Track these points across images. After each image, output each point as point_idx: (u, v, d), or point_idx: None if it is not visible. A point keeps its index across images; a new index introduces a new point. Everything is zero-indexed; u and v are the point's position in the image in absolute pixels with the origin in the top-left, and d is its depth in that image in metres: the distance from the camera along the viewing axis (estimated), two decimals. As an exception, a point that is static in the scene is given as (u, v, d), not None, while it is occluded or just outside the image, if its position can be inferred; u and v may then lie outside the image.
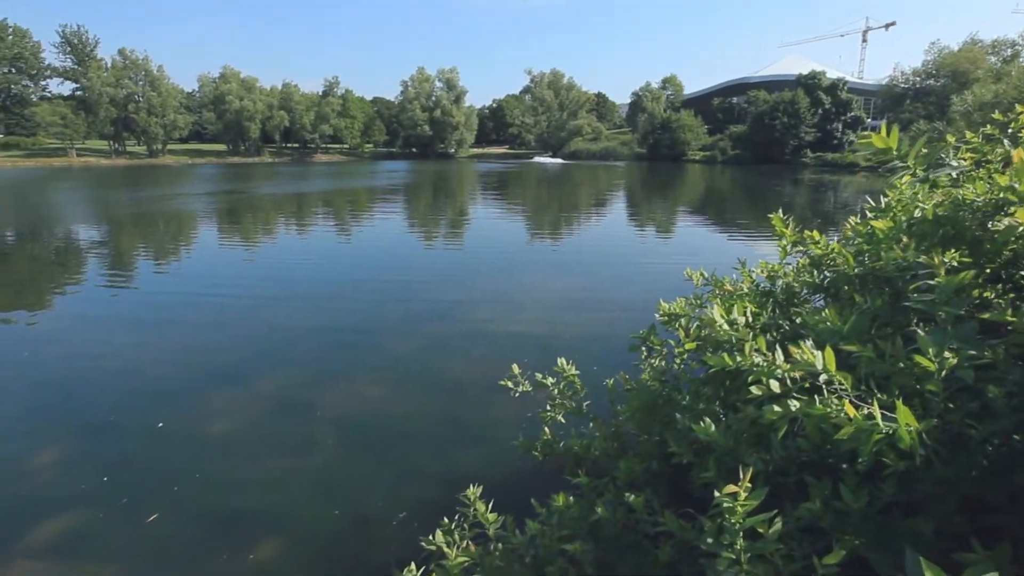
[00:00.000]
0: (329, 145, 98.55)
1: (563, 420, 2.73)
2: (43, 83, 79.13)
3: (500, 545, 1.94)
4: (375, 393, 6.37)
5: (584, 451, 2.55)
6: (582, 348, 7.61)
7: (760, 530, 1.23)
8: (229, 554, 3.83)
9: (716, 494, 1.27)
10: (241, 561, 3.76)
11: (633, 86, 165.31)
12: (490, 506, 2.09)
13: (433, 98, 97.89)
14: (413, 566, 1.95)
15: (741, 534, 1.21)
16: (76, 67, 77.91)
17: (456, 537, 2.00)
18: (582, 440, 2.58)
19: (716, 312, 1.78)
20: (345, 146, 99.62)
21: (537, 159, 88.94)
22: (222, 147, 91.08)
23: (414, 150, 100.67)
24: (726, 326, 1.72)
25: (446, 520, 2.14)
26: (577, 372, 2.76)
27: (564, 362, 2.79)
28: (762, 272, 2.46)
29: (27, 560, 3.78)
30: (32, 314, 9.79)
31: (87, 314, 9.66)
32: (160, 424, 5.59)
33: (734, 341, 1.66)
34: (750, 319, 1.84)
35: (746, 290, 2.27)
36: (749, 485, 1.22)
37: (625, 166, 69.75)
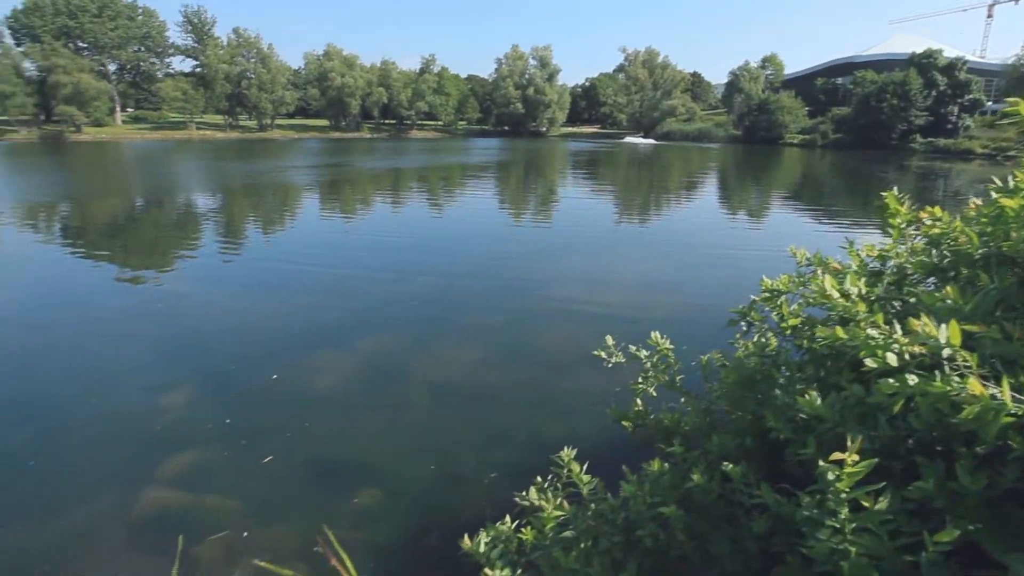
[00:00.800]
0: (424, 122, 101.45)
1: (655, 393, 2.78)
2: (167, 60, 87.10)
3: (593, 506, 2.06)
4: (465, 360, 6.70)
5: (674, 425, 2.60)
6: (668, 328, 7.51)
7: (865, 503, 1.24)
8: (335, 497, 4.24)
9: (820, 463, 1.30)
10: (345, 503, 4.15)
11: (731, 65, 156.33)
12: (583, 469, 2.21)
13: (526, 76, 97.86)
14: (508, 518, 2.11)
15: (847, 504, 1.23)
16: (196, 45, 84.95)
17: (549, 495, 2.14)
18: (673, 414, 2.63)
19: (827, 282, 1.76)
20: (439, 123, 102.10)
21: (628, 139, 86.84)
22: (324, 122, 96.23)
23: (506, 128, 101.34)
24: (839, 297, 1.70)
25: (539, 479, 2.28)
26: (671, 346, 2.80)
27: (658, 336, 2.83)
28: (870, 254, 2.36)
29: (161, 487, 4.38)
30: (159, 274, 11.03)
31: (205, 276, 10.77)
32: (274, 376, 6.20)
33: (848, 313, 1.64)
34: (863, 291, 1.80)
35: (855, 268, 2.20)
36: (856, 457, 1.24)
37: (719, 148, 66.57)
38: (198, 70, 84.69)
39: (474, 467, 4.58)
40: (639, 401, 2.77)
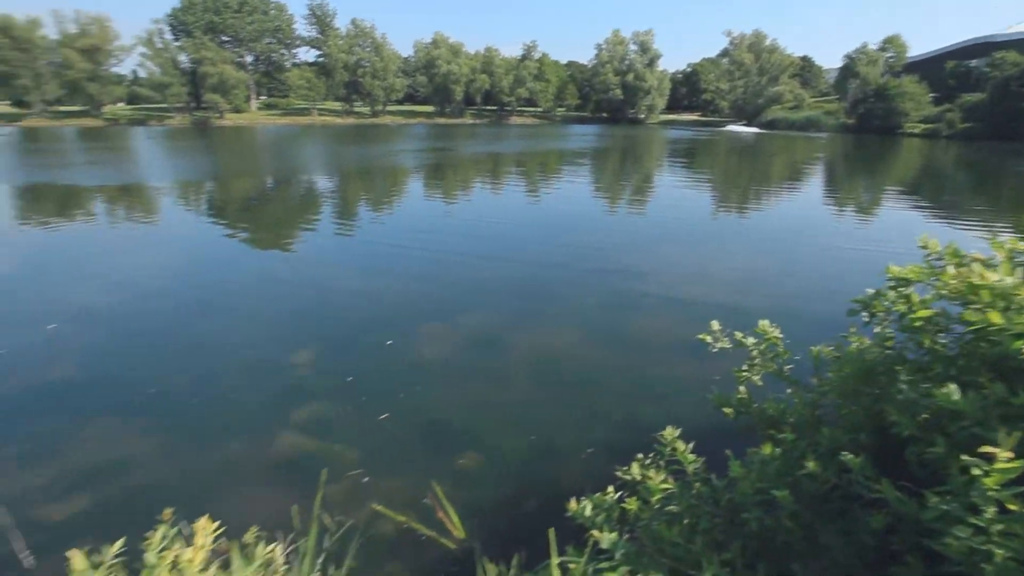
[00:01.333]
0: (524, 108, 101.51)
1: (760, 382, 2.69)
2: (294, 51, 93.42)
3: (697, 485, 2.05)
4: (562, 342, 6.80)
5: (779, 415, 2.51)
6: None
7: (1011, 507, 1.16)
8: (440, 456, 4.51)
9: (964, 457, 1.22)
10: (449, 463, 4.41)
11: (845, 48, 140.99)
12: (686, 449, 2.20)
13: (626, 62, 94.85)
14: (611, 489, 2.16)
15: (994, 503, 1.14)
16: (319, 36, 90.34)
17: (652, 472, 2.15)
18: (779, 404, 2.53)
19: (977, 269, 1.61)
20: (538, 109, 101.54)
21: (730, 127, 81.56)
22: (430, 108, 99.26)
23: (604, 114, 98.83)
24: (993, 278, 1.55)
25: (641, 456, 2.30)
26: (781, 336, 2.69)
27: (767, 324, 2.73)
28: (1017, 249, 2.10)
29: (290, 433, 4.86)
30: (285, 248, 12.06)
31: (323, 251, 11.64)
32: (389, 343, 6.66)
33: (1007, 298, 1.49)
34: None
35: (1002, 259, 1.98)
36: (1011, 453, 1.15)
37: (828, 138, 60.81)
38: (320, 60, 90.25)
39: (571, 442, 4.67)
40: (742, 389, 2.70)
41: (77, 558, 1.64)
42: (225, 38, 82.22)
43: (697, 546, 1.89)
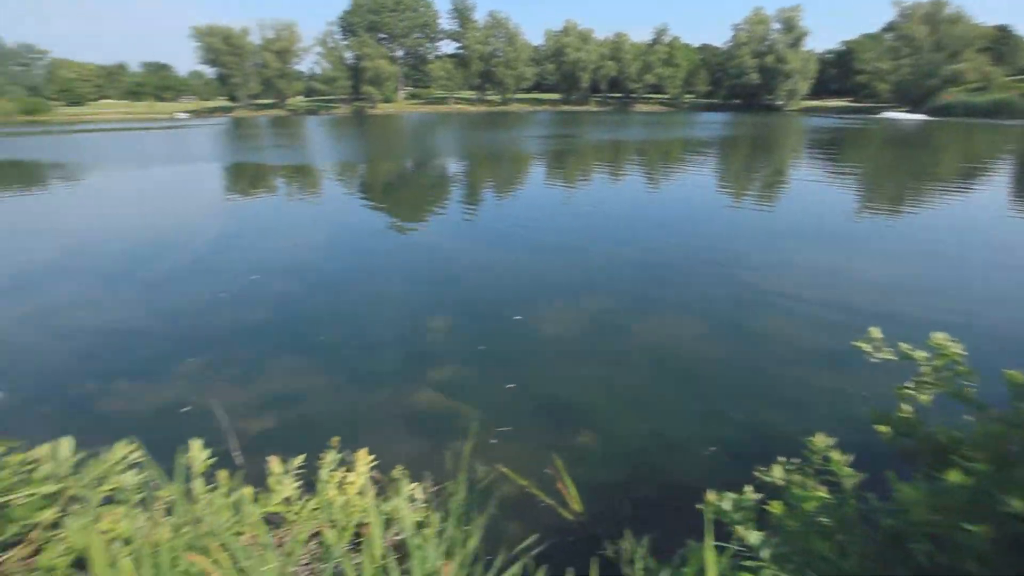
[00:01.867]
0: (649, 95, 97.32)
1: (929, 403, 2.36)
2: (437, 44, 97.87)
3: (853, 502, 1.86)
4: (685, 332, 6.52)
5: (953, 443, 2.18)
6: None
7: None
8: (560, 430, 4.58)
9: None
10: (569, 439, 4.46)
11: None
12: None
13: (767, 43, 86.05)
14: (749, 489, 2.03)
15: None
16: (459, 29, 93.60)
17: (799, 477, 1.99)
18: (953, 431, 2.20)
19: None
20: (664, 96, 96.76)
21: (888, 114, 67.78)
22: (556, 96, 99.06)
23: (737, 101, 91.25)
24: None
25: (783, 459, 2.14)
26: (964, 352, 2.32)
27: (944, 336, 2.37)
28: None
29: (428, 389, 5.22)
30: (418, 224, 12.88)
31: (453, 229, 12.20)
32: (517, 318, 6.87)
33: None
34: None
35: None
36: None
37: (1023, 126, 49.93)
38: (459, 51, 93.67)
39: (690, 436, 4.49)
40: (906, 407, 2.38)
41: (275, 463, 2.03)
42: (381, 35, 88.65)
43: (850, 565, 1.72)
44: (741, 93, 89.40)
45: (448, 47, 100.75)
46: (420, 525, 2.54)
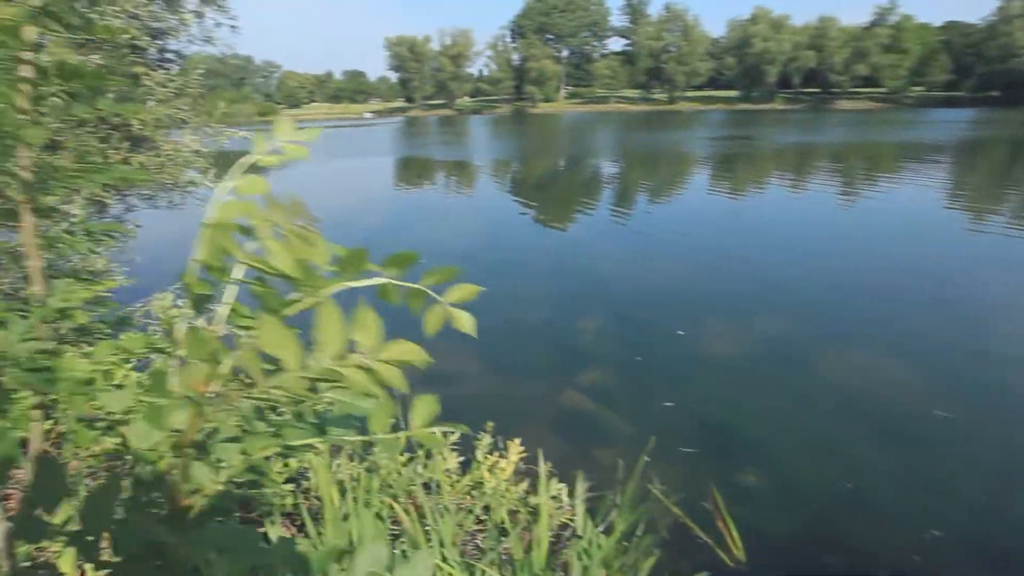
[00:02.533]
0: (858, 90, 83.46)
1: None
2: (605, 42, 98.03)
3: None
4: (891, 376, 5.55)
5: None
6: None
7: None
8: (721, 462, 4.24)
9: None
10: (731, 473, 4.09)
11: None
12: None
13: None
14: None
15: None
16: (630, 25, 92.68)
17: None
18: None
19: None
20: (879, 90, 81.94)
21: None
22: (733, 93, 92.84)
23: (995, 93, 71.58)
24: None
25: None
26: None
27: None
28: None
29: (577, 392, 5.20)
30: (569, 224, 13.00)
31: (601, 230, 12.12)
32: (680, 332, 6.53)
33: None
34: None
35: None
36: None
37: None
38: (626, 49, 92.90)
39: (903, 510, 3.73)
40: None
41: (437, 434, 2.33)
42: (548, 36, 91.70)
43: None
44: (1002, 82, 70.18)
45: (616, 44, 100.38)
46: (565, 526, 2.66)
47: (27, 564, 0.76)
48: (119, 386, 0.91)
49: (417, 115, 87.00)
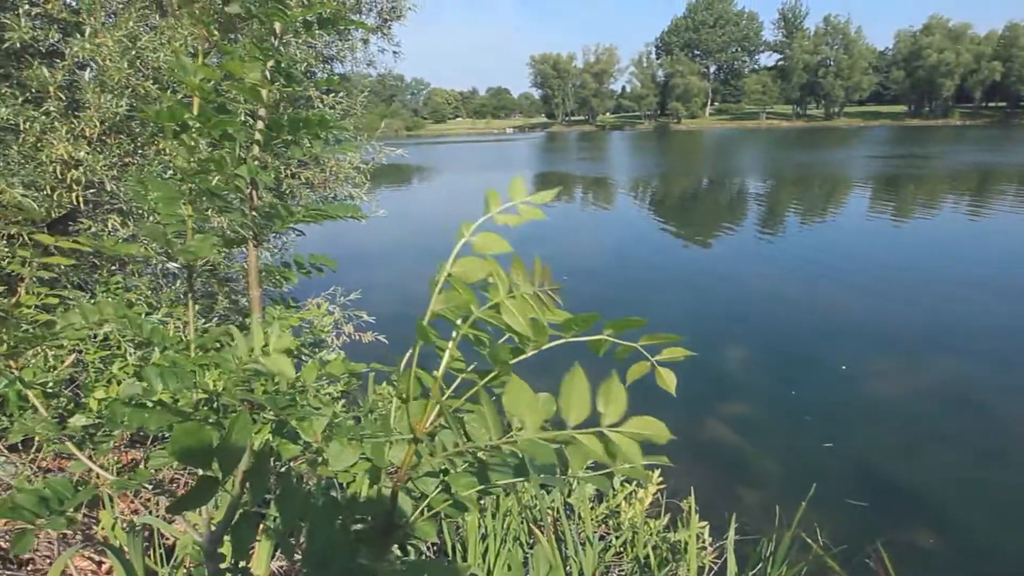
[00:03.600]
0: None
1: None
2: (756, 57, 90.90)
3: None
4: None
5: None
6: None
7: None
8: (890, 515, 3.66)
9: None
10: (899, 532, 3.51)
11: None
12: None
13: None
14: None
15: None
16: (784, 39, 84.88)
17: None
18: None
19: None
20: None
21: None
22: (900, 108, 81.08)
23: None
24: None
25: None
26: None
27: None
28: None
29: (719, 423, 4.77)
30: (706, 244, 12.16)
31: (744, 253, 11.12)
32: (843, 367, 5.75)
33: None
34: None
35: None
36: None
37: None
38: (780, 63, 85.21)
39: None
40: None
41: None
42: (696, 51, 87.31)
43: None
44: None
45: (768, 59, 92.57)
46: (704, 569, 2.42)
47: (226, 566, 0.82)
48: (316, 407, 0.95)
49: (558, 130, 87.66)
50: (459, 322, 0.59)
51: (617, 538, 2.35)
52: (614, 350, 0.53)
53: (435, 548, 2.19)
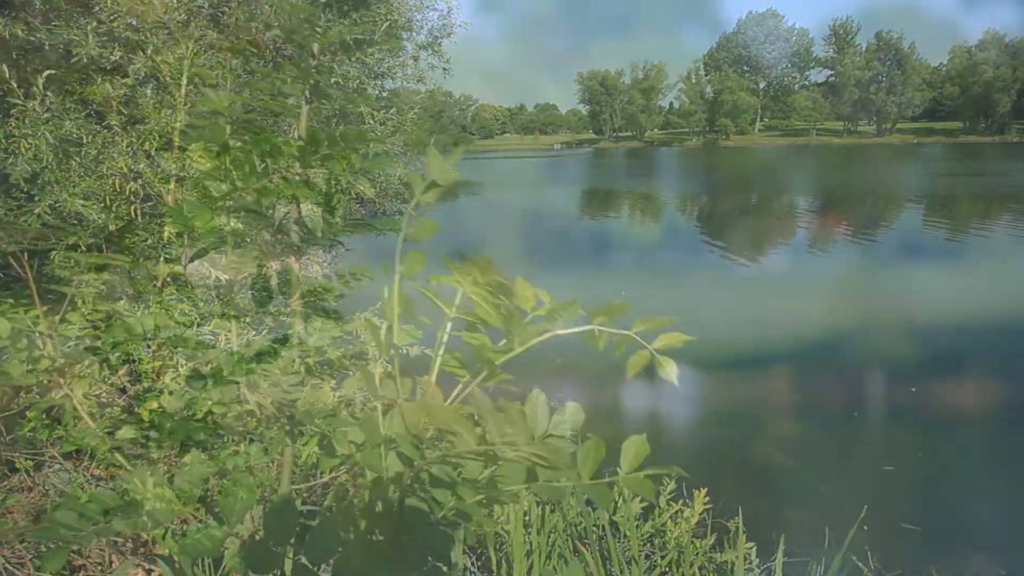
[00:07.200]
0: None
1: None
2: (806, 73, 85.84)
3: None
4: None
5: None
6: None
7: None
8: (951, 552, 3.27)
9: None
10: (957, 561, 3.06)
11: None
12: None
13: None
14: None
15: None
16: (835, 55, 79.80)
17: None
18: None
19: None
20: None
21: None
22: (955, 125, 74.41)
23: None
24: None
25: None
26: None
27: None
28: None
29: (771, 441, 4.44)
30: (752, 260, 11.48)
31: (793, 271, 10.40)
32: (913, 389, 5.16)
33: None
34: None
35: None
36: None
37: None
38: (830, 79, 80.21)
39: None
40: None
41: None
42: (745, 68, 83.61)
43: None
44: None
45: (819, 75, 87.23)
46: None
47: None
48: (357, 419, 0.89)
49: (605, 146, 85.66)
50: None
51: (663, 557, 2.15)
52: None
53: (480, 565, 2.07)
